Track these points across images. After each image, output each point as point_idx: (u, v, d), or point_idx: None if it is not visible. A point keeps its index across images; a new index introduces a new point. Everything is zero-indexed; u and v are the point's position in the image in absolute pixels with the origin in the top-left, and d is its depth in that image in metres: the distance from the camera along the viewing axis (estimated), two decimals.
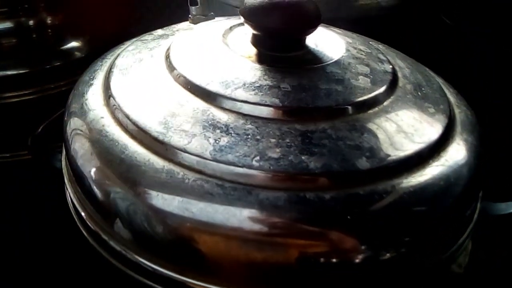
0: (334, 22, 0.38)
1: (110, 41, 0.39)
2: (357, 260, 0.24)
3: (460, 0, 0.57)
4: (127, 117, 0.28)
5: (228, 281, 0.24)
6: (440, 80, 0.36)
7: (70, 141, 0.29)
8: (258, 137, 0.26)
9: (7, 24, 0.49)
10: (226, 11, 0.41)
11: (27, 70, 0.50)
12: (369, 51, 0.34)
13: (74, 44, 0.54)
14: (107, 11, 0.55)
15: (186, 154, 0.25)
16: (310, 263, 0.23)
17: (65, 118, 0.31)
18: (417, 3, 0.57)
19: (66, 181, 0.31)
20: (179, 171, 0.25)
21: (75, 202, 0.28)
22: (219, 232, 0.24)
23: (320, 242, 0.23)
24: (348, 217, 0.23)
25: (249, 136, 0.26)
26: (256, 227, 0.23)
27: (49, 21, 0.51)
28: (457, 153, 0.28)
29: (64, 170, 0.32)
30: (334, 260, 0.24)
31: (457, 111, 0.32)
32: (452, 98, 0.34)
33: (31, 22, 0.49)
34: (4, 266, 0.45)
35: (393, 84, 0.31)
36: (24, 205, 0.50)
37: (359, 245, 0.24)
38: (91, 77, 0.33)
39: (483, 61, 0.55)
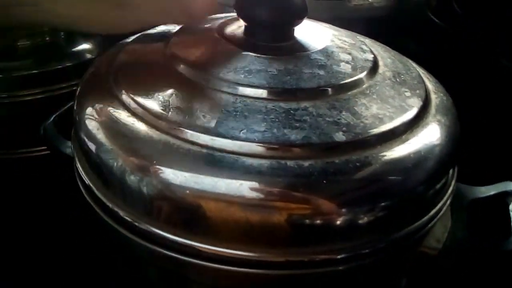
0: (328, 23, 0.41)
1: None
2: (332, 223, 0.27)
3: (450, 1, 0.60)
4: (131, 98, 0.31)
5: (216, 240, 0.27)
6: (421, 70, 0.38)
7: (80, 122, 0.32)
8: (245, 113, 0.29)
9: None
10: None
11: (40, 70, 0.53)
12: (353, 42, 0.37)
13: (85, 46, 0.57)
14: None
15: (181, 128, 0.28)
16: (290, 224, 0.26)
17: (75, 101, 0.34)
18: (409, 5, 0.60)
19: (76, 160, 0.34)
20: (174, 143, 0.28)
21: (83, 175, 0.31)
22: (208, 195, 0.26)
23: (298, 204, 0.26)
24: (324, 181, 0.26)
25: (238, 113, 0.29)
26: (241, 190, 0.26)
27: None
28: (429, 131, 0.31)
29: (74, 151, 0.35)
30: (311, 221, 0.26)
31: (433, 96, 0.35)
32: (430, 85, 0.36)
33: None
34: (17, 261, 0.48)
35: (373, 70, 0.34)
36: (36, 200, 0.53)
37: (334, 208, 0.26)
38: (98, 66, 0.36)
39: (474, 59, 0.58)
